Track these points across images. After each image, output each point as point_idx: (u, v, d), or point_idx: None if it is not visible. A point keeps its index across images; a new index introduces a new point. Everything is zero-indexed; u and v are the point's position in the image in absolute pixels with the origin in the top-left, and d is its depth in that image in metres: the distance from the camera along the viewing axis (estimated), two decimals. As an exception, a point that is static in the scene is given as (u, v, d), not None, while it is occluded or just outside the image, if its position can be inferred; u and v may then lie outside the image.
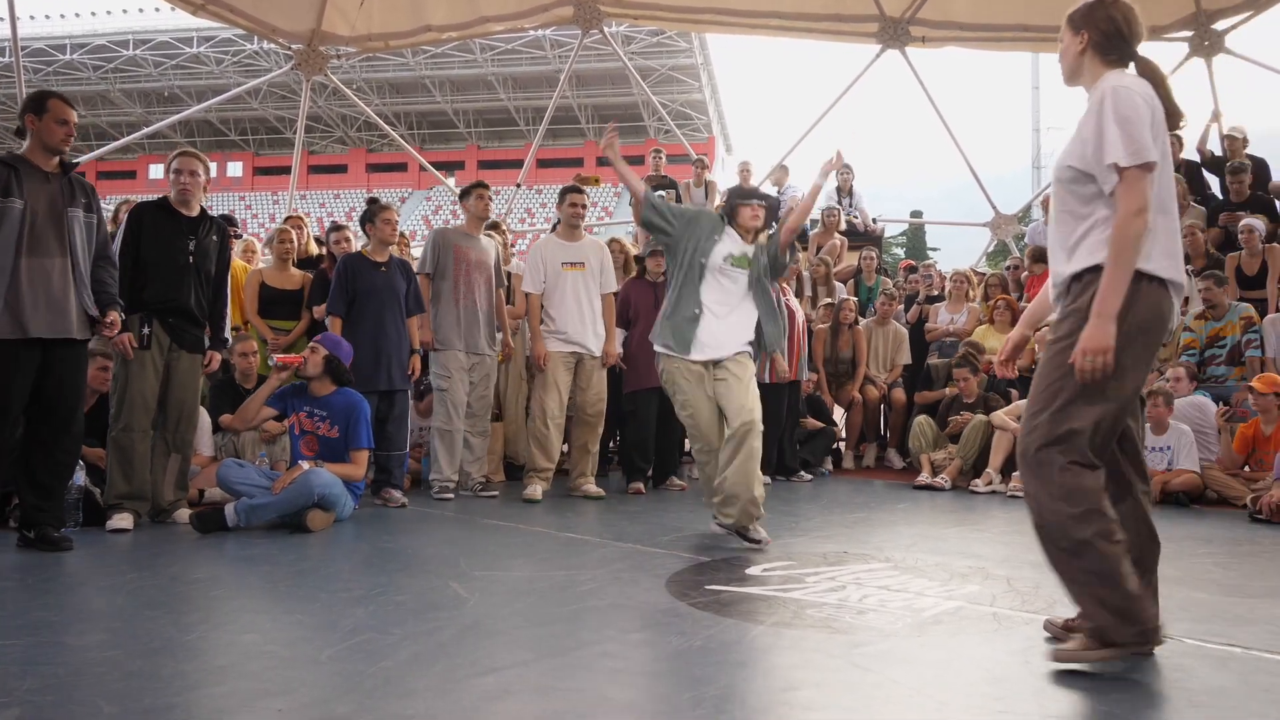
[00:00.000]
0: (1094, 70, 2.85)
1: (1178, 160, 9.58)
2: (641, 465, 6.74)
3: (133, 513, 4.95)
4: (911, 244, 45.13)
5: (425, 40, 12.98)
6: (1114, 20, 2.83)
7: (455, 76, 52.47)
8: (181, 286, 5.11)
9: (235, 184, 58.46)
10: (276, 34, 12.11)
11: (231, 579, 3.86)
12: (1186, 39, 11.16)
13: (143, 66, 50.82)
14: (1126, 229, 2.58)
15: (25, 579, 3.78)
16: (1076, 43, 2.89)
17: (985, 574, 3.92)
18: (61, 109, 4.54)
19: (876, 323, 8.67)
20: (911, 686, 2.49)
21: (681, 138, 15.48)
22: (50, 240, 4.45)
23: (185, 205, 5.21)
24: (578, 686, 2.47)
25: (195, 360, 5.24)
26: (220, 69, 49.70)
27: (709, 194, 11.11)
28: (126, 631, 2.98)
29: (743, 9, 12.09)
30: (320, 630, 2.99)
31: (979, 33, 11.74)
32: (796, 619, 3.15)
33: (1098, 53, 2.85)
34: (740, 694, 2.43)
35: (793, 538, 4.82)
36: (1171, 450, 6.55)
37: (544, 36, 44.41)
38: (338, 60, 13.04)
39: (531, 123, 54.20)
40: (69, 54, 49.82)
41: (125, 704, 2.29)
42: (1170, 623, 2.86)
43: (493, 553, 4.40)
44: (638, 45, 45.05)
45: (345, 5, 11.55)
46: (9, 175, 4.37)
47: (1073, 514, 2.57)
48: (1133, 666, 2.62)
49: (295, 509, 4.91)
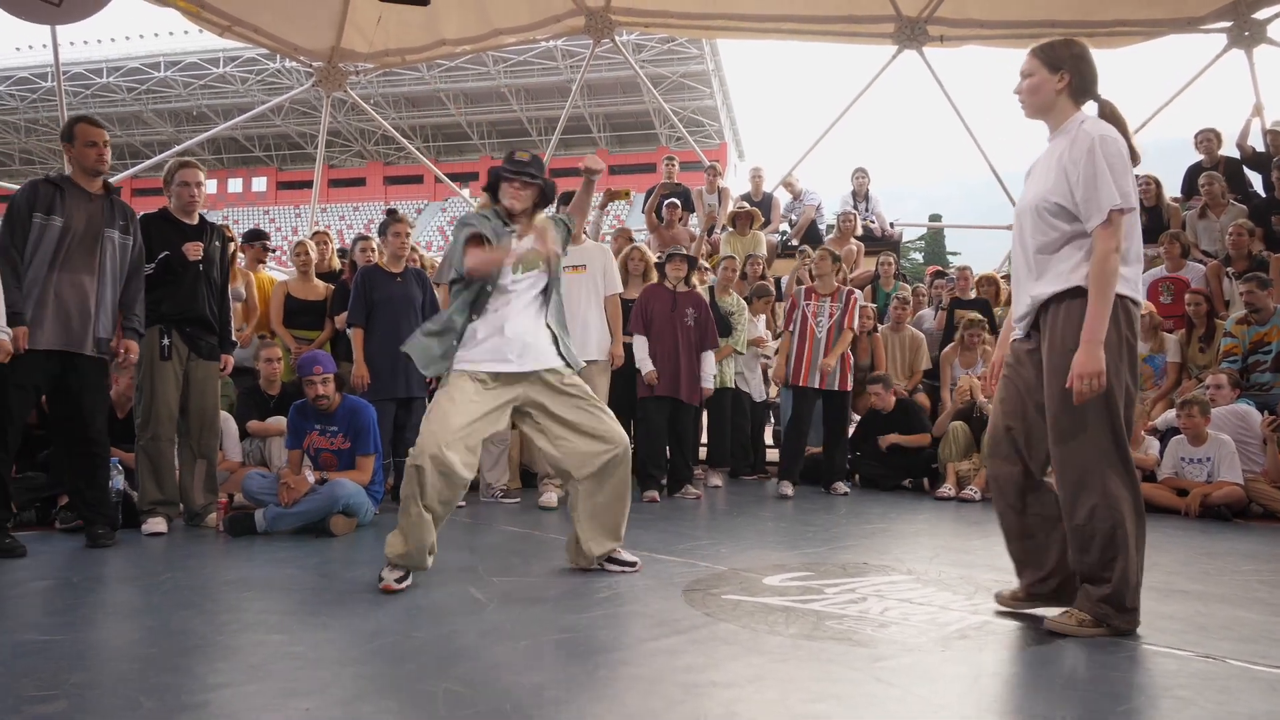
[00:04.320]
0: (1065, 109, 3.15)
1: (1215, 160, 9.53)
2: (655, 473, 6.76)
3: (166, 517, 5.12)
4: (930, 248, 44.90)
5: (440, 54, 13.13)
6: (1090, 64, 3.13)
7: (469, 89, 52.89)
8: (195, 295, 5.27)
9: (259, 198, 59.27)
10: (298, 52, 12.34)
11: (260, 581, 3.95)
12: (1225, 30, 10.77)
13: (173, 87, 51.83)
14: (1106, 265, 2.93)
15: (70, 578, 3.97)
16: (1054, 81, 3.13)
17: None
18: (89, 132, 4.73)
19: (891, 329, 8.62)
20: (937, 703, 2.44)
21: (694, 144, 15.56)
22: (83, 259, 4.65)
23: (187, 214, 5.34)
24: (595, 694, 2.51)
25: (211, 367, 5.40)
26: (245, 87, 50.52)
27: (722, 201, 11.12)
28: (163, 630, 3.09)
29: (754, 13, 12.03)
30: (344, 633, 3.08)
31: (999, 30, 11.52)
32: (816, 631, 3.11)
33: (1072, 94, 3.13)
34: (759, 706, 2.42)
35: (811, 548, 4.78)
36: (1212, 461, 6.32)
37: (555, 47, 44.58)
38: (356, 76, 13.25)
39: (544, 133, 54.44)
40: (105, 77, 50.96)
41: (163, 699, 2.40)
42: (1214, 642, 2.89)
43: (509, 559, 4.46)
44: (649, 53, 45.20)
45: (363, 22, 11.73)
46: (54, 194, 4.59)
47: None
48: (1174, 685, 2.57)
49: (321, 516, 5.08)
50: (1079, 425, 3.01)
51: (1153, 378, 7.51)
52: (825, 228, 11.75)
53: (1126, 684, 2.60)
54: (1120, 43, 11.39)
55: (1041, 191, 3.10)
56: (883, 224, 11.57)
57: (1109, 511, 2.99)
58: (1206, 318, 7.46)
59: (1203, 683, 2.61)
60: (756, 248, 9.78)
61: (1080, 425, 3.01)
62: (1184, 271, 8.15)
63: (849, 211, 10.95)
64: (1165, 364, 7.47)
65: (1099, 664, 2.78)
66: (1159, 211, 9.30)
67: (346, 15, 11.66)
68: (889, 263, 9.85)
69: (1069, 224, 3.04)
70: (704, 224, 10.78)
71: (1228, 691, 2.54)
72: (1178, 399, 6.67)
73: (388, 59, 12.83)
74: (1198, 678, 2.65)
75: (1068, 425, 3.04)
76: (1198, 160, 9.69)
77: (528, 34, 12.78)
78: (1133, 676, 2.68)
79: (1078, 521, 3.05)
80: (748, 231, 9.99)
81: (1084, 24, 11.08)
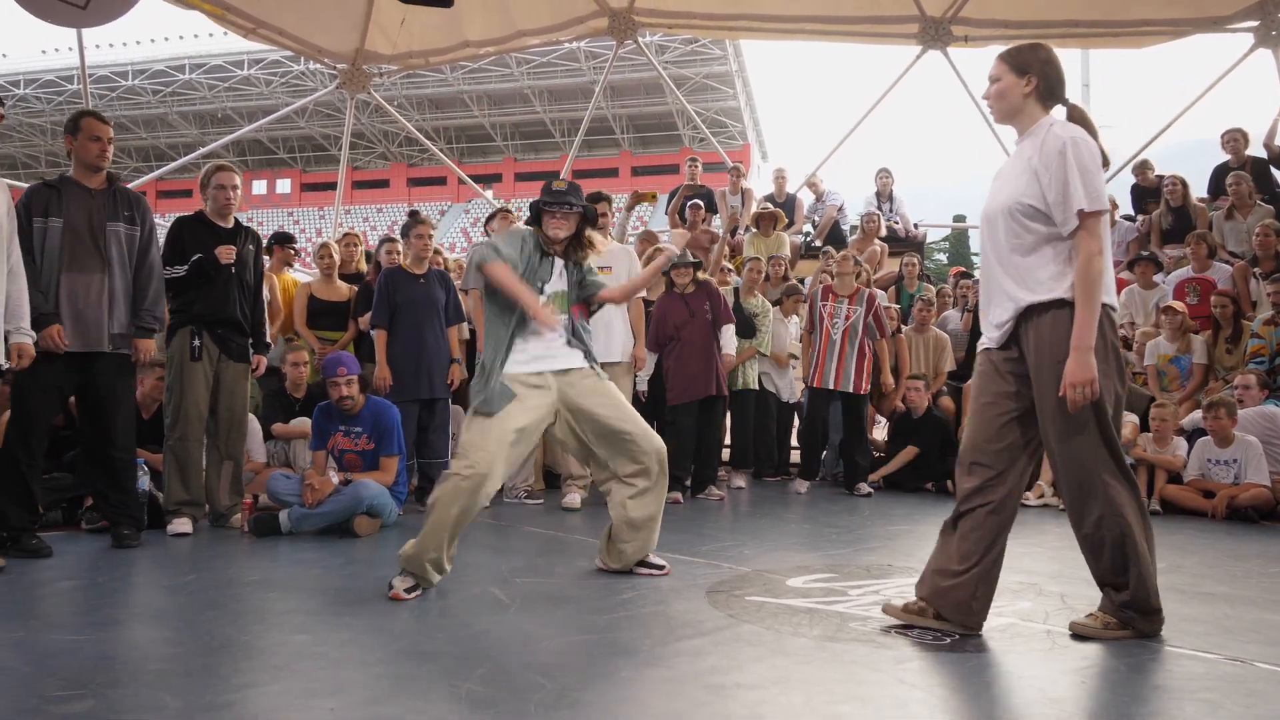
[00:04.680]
0: (1033, 113, 3.16)
1: (1242, 159, 9.42)
2: (679, 474, 6.74)
3: (191, 517, 5.16)
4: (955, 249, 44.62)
5: (463, 56, 13.15)
6: (1058, 68, 3.14)
7: (492, 90, 53.03)
8: (227, 298, 5.30)
9: (284, 200, 59.71)
10: (322, 54, 12.40)
11: (284, 582, 3.98)
12: (1251, 29, 10.55)
13: (198, 90, 52.32)
14: (1090, 269, 2.94)
15: (96, 578, 4.01)
16: (1022, 86, 3.14)
17: (1038, 590, 3.81)
18: (94, 126, 4.73)
19: (915, 330, 8.54)
20: (961, 704, 2.44)
21: (717, 145, 15.47)
22: (89, 256, 4.64)
23: (222, 217, 5.39)
24: (619, 696, 2.52)
25: (242, 369, 5.43)
26: (269, 90, 50.88)
27: (745, 202, 11.10)
28: (188, 630, 3.12)
29: (778, 14, 11.98)
30: (368, 633, 3.10)
31: (1023, 30, 11.33)
32: (840, 632, 3.11)
33: (1040, 98, 3.14)
34: (783, 708, 2.41)
35: (834, 549, 4.78)
36: (1239, 463, 6.29)
37: (579, 48, 44.65)
38: (380, 78, 13.31)
39: (567, 134, 54.62)
40: (130, 79, 51.48)
41: (188, 699, 2.42)
42: (1241, 645, 2.87)
43: (533, 560, 4.47)
44: (672, 54, 45.16)
45: (387, 24, 11.77)
46: (50, 196, 4.61)
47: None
48: (1200, 688, 2.55)
49: (345, 517, 5.11)
50: (1074, 435, 3.00)
51: (1179, 379, 7.45)
52: (849, 228, 11.71)
53: (1152, 686, 2.59)
54: (1145, 42, 11.28)
55: (1013, 194, 3.09)
56: (906, 225, 11.52)
57: (1115, 519, 2.99)
58: (1233, 319, 7.39)
59: (1230, 685, 2.59)
60: (780, 249, 9.76)
61: (1075, 434, 3.00)
62: (1211, 272, 8.08)
63: (873, 212, 10.93)
64: (1192, 365, 7.40)
65: (1124, 666, 2.75)
66: (1185, 212, 9.21)
67: (370, 17, 11.70)
68: (913, 263, 9.82)
69: (1045, 226, 3.03)
70: (726, 225, 10.76)
71: (1255, 695, 2.52)
72: (1204, 400, 6.61)
73: (411, 61, 12.87)
74: (1225, 680, 2.64)
75: (1064, 436, 3.03)
76: (1224, 160, 9.59)
77: (551, 35, 12.79)
78: (1159, 679, 2.66)
79: (1086, 531, 3.07)
80: (771, 233, 9.98)
81: (1108, 24, 10.99)
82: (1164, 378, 7.48)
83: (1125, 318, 8.32)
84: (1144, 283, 8.40)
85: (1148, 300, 8.29)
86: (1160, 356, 7.50)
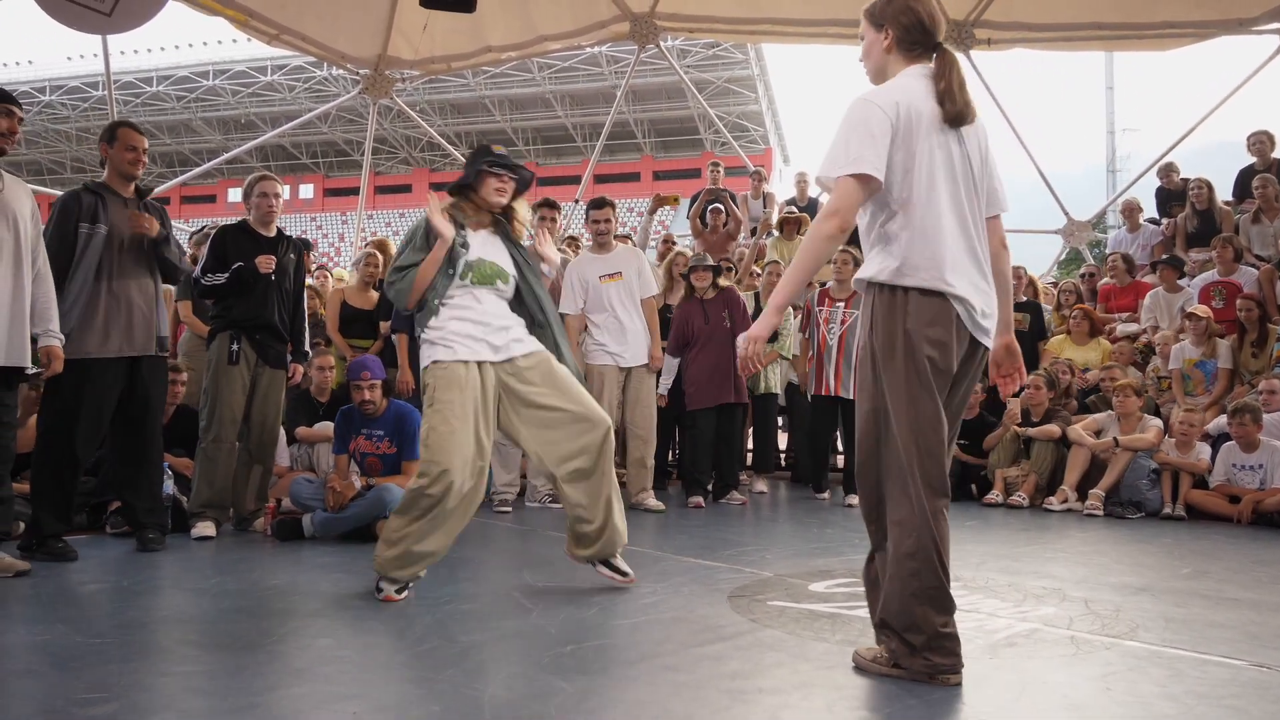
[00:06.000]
0: (897, 68, 2.80)
1: (1268, 162, 9.31)
2: (701, 479, 6.77)
3: (214, 520, 5.20)
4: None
5: (485, 61, 13.21)
6: (913, 13, 2.76)
7: (514, 95, 53.19)
8: (266, 304, 5.36)
9: (307, 205, 60.14)
10: (345, 60, 12.50)
11: (307, 586, 4.01)
12: (1278, 31, 10.50)
13: (221, 96, 52.79)
14: (818, 229, 2.66)
15: (120, 581, 4.05)
16: (880, 40, 2.81)
17: (1062, 595, 3.78)
18: (130, 136, 4.83)
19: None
20: (985, 711, 2.42)
21: (739, 150, 15.47)
22: (133, 263, 4.75)
23: (265, 226, 5.46)
24: (640, 699, 2.52)
25: (278, 375, 5.48)
26: (292, 95, 51.22)
27: (767, 205, 11.09)
28: (211, 633, 3.16)
29: (800, 18, 11.99)
30: (391, 636, 3.13)
31: (1047, 33, 11.39)
32: (863, 637, 3.03)
33: (901, 49, 2.80)
34: (805, 713, 2.41)
35: (856, 554, 4.70)
36: (1264, 468, 6.27)
37: (600, 53, 44.70)
38: (402, 83, 13.40)
39: (589, 139, 54.64)
40: (154, 85, 52.12)
41: (211, 701, 2.44)
42: (1268, 652, 2.83)
43: (554, 564, 4.46)
44: (693, 59, 45.16)
45: (409, 29, 11.85)
46: (95, 203, 4.67)
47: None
48: (1226, 695, 2.53)
49: (368, 521, 5.12)
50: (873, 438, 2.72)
51: (1204, 383, 7.38)
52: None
53: (1178, 693, 2.55)
54: (1170, 44, 11.19)
55: None
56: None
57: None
58: (1259, 322, 7.33)
59: (1257, 692, 2.57)
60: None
61: (872, 439, 2.72)
62: (1236, 275, 8.00)
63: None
64: (1217, 369, 7.34)
65: (1150, 673, 2.73)
66: (1211, 215, 9.13)
67: (393, 23, 11.80)
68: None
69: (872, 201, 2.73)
70: (747, 229, 10.75)
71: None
72: (1229, 405, 6.55)
73: (433, 66, 12.94)
74: (1251, 687, 2.61)
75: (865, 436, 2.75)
76: (1250, 163, 9.49)
77: (573, 40, 12.85)
78: (1184, 685, 2.63)
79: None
80: (794, 236, 9.95)
81: (1132, 25, 10.92)
82: (1189, 382, 7.41)
83: (1150, 321, 8.26)
84: (1169, 286, 8.33)
85: (1172, 304, 8.22)
86: (1185, 361, 7.44)
